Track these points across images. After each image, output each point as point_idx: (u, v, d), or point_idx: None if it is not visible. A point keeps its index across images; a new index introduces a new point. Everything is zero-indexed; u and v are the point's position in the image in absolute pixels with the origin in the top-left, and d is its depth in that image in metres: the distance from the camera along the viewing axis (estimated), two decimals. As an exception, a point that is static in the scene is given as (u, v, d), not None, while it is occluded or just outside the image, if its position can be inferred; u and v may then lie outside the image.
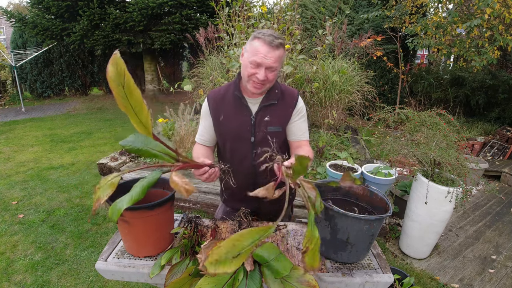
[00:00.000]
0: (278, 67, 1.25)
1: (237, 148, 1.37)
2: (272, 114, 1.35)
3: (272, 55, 1.20)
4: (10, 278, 2.30)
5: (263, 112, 1.34)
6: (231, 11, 3.53)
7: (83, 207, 3.29)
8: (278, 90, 1.36)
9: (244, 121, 1.34)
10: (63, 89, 10.25)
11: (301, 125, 1.40)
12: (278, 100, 1.35)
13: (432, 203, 2.31)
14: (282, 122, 1.36)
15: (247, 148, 1.35)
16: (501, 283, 2.36)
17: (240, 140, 1.36)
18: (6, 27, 15.10)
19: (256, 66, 1.22)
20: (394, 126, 6.16)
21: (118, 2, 8.38)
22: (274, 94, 1.35)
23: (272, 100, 1.34)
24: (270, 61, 1.20)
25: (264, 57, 1.20)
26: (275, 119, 1.35)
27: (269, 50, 1.19)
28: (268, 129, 1.34)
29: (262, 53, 1.19)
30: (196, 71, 5.33)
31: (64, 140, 5.74)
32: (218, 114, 1.37)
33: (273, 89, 1.35)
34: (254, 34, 1.23)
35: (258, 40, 1.20)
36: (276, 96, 1.35)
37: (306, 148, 1.38)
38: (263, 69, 1.21)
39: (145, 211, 1.08)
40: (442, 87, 6.87)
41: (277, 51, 1.20)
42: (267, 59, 1.20)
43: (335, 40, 4.42)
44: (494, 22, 4.23)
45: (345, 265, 1.17)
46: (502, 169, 4.24)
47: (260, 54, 1.19)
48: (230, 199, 1.54)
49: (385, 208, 1.17)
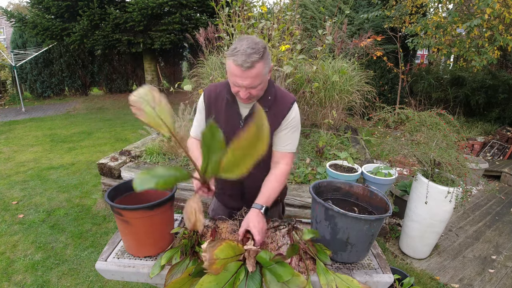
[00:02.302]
0: (262, 81, 1.21)
1: None
2: None
3: (247, 76, 1.15)
4: (10, 278, 2.30)
5: (252, 118, 1.33)
6: (231, 11, 3.53)
7: (83, 207, 3.29)
8: (271, 97, 1.31)
9: (233, 124, 1.33)
10: (63, 89, 10.25)
11: (286, 136, 1.34)
12: (270, 107, 1.30)
13: (432, 203, 2.31)
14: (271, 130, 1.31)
15: None
16: (501, 283, 2.36)
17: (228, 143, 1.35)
18: (6, 27, 15.11)
19: (237, 86, 1.20)
20: (394, 126, 6.16)
21: (118, 2, 8.39)
22: (266, 101, 1.30)
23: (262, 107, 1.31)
24: (247, 82, 1.16)
25: (239, 79, 1.17)
26: None
27: (243, 73, 1.15)
28: None
29: (237, 76, 1.16)
30: (196, 71, 5.33)
31: (64, 140, 5.74)
32: (210, 111, 1.37)
33: (265, 95, 1.31)
34: (228, 53, 1.18)
35: (231, 61, 1.16)
36: (268, 103, 1.30)
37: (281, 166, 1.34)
38: (244, 89, 1.19)
39: (145, 211, 1.08)
40: (442, 87, 6.87)
41: (252, 70, 1.14)
42: (244, 82, 1.17)
43: (335, 40, 4.42)
44: (494, 22, 4.23)
45: (345, 265, 1.17)
46: (502, 169, 4.24)
47: (236, 77, 1.17)
48: (222, 194, 1.56)
49: (385, 208, 1.17)
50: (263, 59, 1.16)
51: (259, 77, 1.18)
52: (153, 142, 3.83)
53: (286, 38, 3.43)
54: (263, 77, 1.20)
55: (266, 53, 1.18)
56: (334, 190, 1.34)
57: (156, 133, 4.02)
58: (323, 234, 1.16)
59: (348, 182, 1.33)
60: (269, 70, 1.26)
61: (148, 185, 0.59)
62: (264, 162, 1.36)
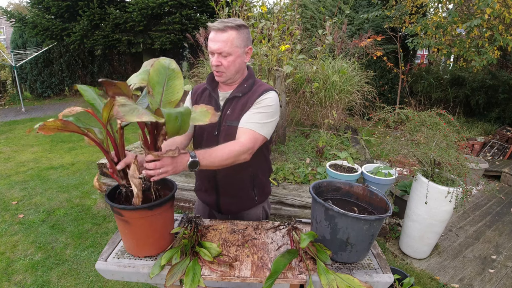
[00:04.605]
0: (232, 52, 1.23)
1: (205, 141, 1.38)
2: (234, 107, 1.32)
3: (219, 39, 1.20)
4: (10, 278, 2.30)
5: (227, 105, 1.33)
6: (231, 11, 3.53)
7: (83, 207, 3.29)
8: (247, 85, 1.32)
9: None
10: (63, 89, 10.25)
11: (251, 114, 1.25)
12: (245, 94, 1.31)
13: (432, 203, 2.31)
14: (239, 117, 1.28)
15: (212, 141, 1.33)
16: (501, 283, 2.36)
17: (207, 133, 1.37)
18: (6, 27, 15.10)
19: (212, 54, 1.25)
20: (394, 126, 6.16)
21: (118, 2, 8.38)
22: (242, 88, 1.32)
23: (237, 93, 1.32)
24: (218, 45, 1.20)
25: (212, 43, 1.22)
26: (235, 113, 1.30)
27: (216, 35, 1.21)
28: (227, 123, 1.31)
29: (211, 40, 1.22)
30: (196, 71, 5.33)
31: (64, 140, 5.74)
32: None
33: (243, 82, 1.33)
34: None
35: (210, 29, 1.23)
36: (244, 90, 1.31)
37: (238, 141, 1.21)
38: (216, 55, 1.23)
39: (145, 211, 1.08)
40: (442, 87, 6.87)
41: (224, 33, 1.20)
42: (215, 44, 1.21)
43: (335, 40, 4.42)
44: (494, 22, 4.23)
45: (345, 265, 1.17)
46: (502, 169, 4.24)
47: (211, 42, 1.22)
48: (199, 190, 1.56)
49: (385, 208, 1.17)
50: (237, 30, 1.22)
51: (229, 43, 1.21)
52: (153, 142, 3.82)
53: (286, 38, 3.43)
54: (234, 48, 1.23)
55: (243, 29, 1.24)
56: (334, 190, 1.34)
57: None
58: (323, 234, 1.16)
59: (348, 182, 1.33)
60: (246, 51, 1.29)
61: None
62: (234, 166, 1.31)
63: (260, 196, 1.49)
